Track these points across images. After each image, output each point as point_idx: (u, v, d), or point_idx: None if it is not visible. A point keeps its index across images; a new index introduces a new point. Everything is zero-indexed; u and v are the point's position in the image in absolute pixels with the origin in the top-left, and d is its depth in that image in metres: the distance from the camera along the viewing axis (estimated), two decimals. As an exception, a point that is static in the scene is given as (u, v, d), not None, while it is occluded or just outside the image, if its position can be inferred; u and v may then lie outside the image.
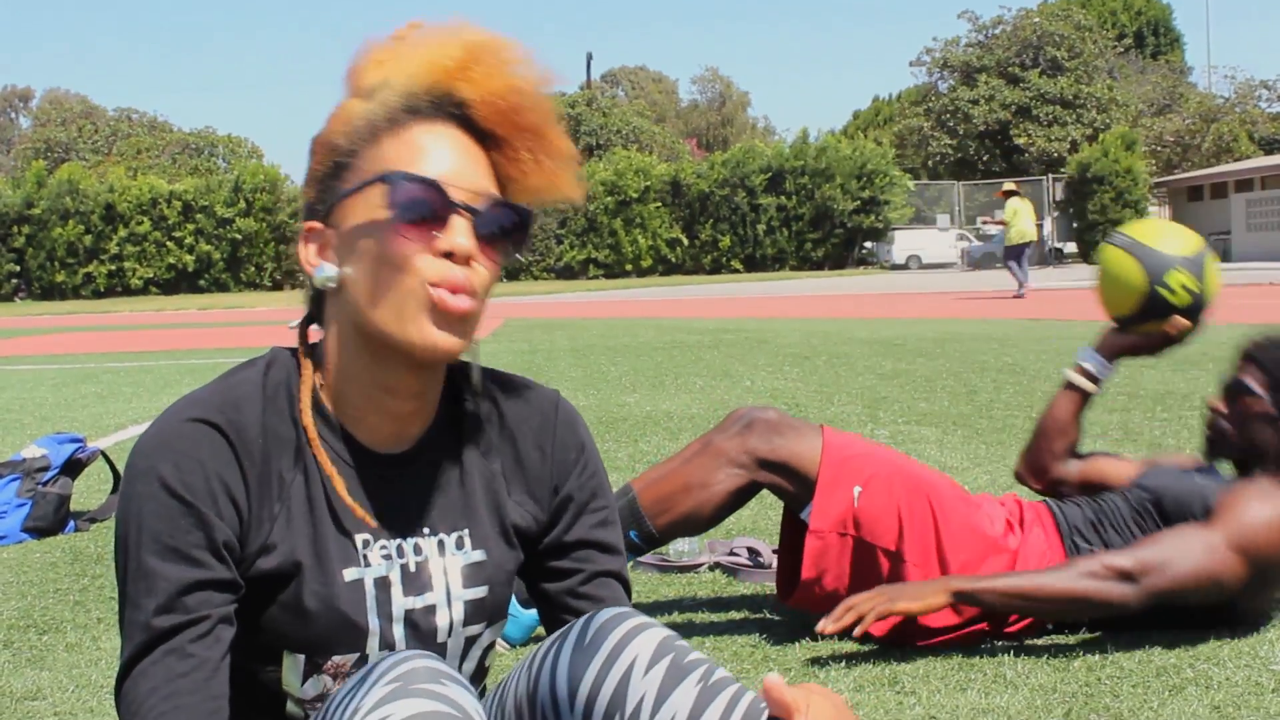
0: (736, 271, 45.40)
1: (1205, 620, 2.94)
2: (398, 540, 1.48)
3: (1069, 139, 52.25)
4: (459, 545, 1.51)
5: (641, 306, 23.73)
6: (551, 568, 1.59)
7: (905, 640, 2.93)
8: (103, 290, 44.00)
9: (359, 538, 1.46)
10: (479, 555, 1.52)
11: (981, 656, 2.85)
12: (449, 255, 1.38)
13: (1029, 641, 2.93)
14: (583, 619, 1.43)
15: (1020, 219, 21.33)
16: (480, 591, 1.52)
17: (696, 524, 3.12)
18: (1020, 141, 53.03)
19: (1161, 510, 3.00)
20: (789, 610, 3.25)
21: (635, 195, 45.86)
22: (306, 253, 1.46)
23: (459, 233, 1.38)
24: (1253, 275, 26.90)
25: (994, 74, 54.72)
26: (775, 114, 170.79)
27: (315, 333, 1.51)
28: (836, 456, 3.01)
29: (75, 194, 44.22)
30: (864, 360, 10.16)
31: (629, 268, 45.98)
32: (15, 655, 3.13)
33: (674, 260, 46.40)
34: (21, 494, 4.59)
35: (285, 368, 1.48)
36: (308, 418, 1.44)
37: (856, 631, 2.77)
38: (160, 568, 1.35)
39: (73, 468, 4.84)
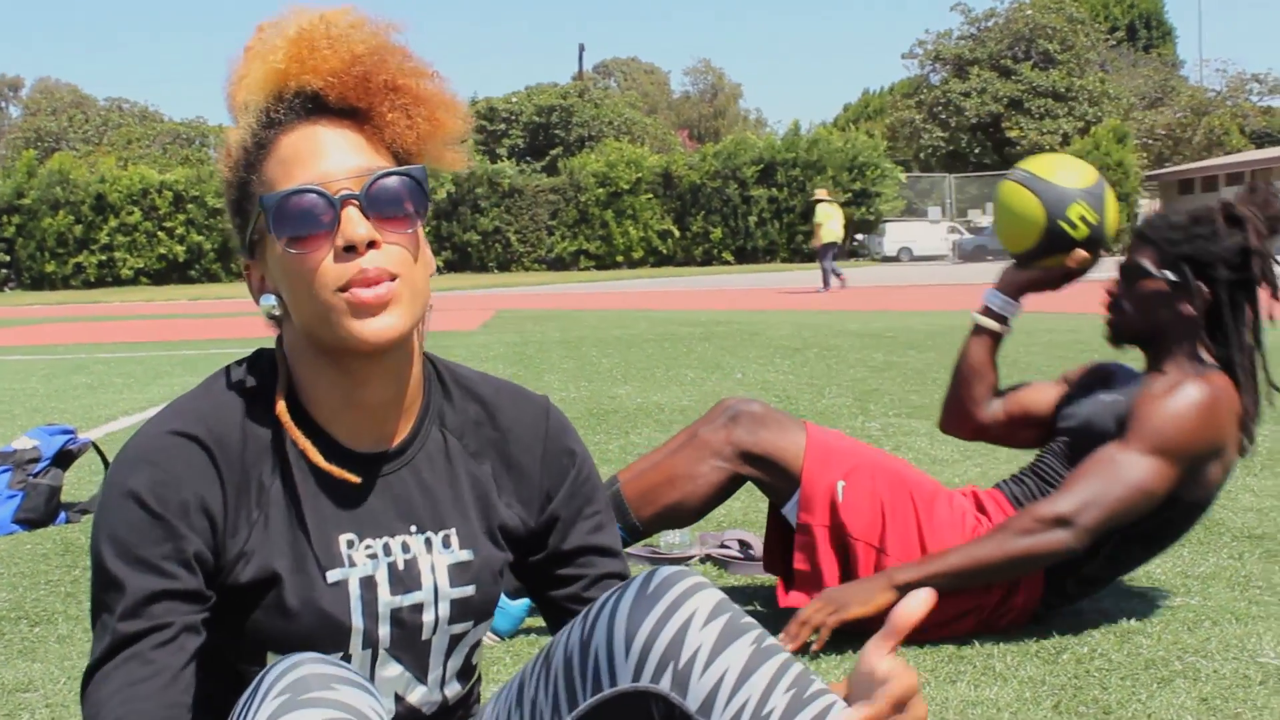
0: (728, 263, 45.44)
1: (1160, 527, 2.95)
2: (384, 539, 1.49)
3: (1061, 132, 52.30)
4: (445, 544, 1.52)
5: (633, 298, 23.72)
6: (556, 576, 1.62)
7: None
8: (93, 281, 43.94)
9: (343, 538, 1.47)
10: (466, 554, 1.53)
11: (971, 649, 2.85)
12: (352, 249, 1.38)
13: (1018, 635, 2.94)
14: (645, 573, 1.45)
15: (829, 221, 23.53)
16: (468, 590, 1.53)
17: (681, 517, 3.13)
18: (1012, 134, 53.08)
19: (1082, 443, 2.98)
20: (780, 602, 3.26)
21: (627, 187, 45.84)
22: (251, 288, 1.50)
23: (352, 224, 1.38)
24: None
25: (986, 66, 54.76)
26: (767, 106, 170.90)
27: None
28: (819, 451, 3.02)
29: (66, 184, 44.14)
30: (855, 352, 10.17)
31: (620, 259, 45.97)
32: (7, 647, 3.13)
33: (665, 252, 46.40)
34: (12, 485, 4.59)
35: (266, 370, 1.50)
36: (286, 418, 1.45)
37: (815, 646, 2.80)
38: (128, 576, 1.36)
39: (64, 459, 4.83)
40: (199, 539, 1.40)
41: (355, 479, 1.47)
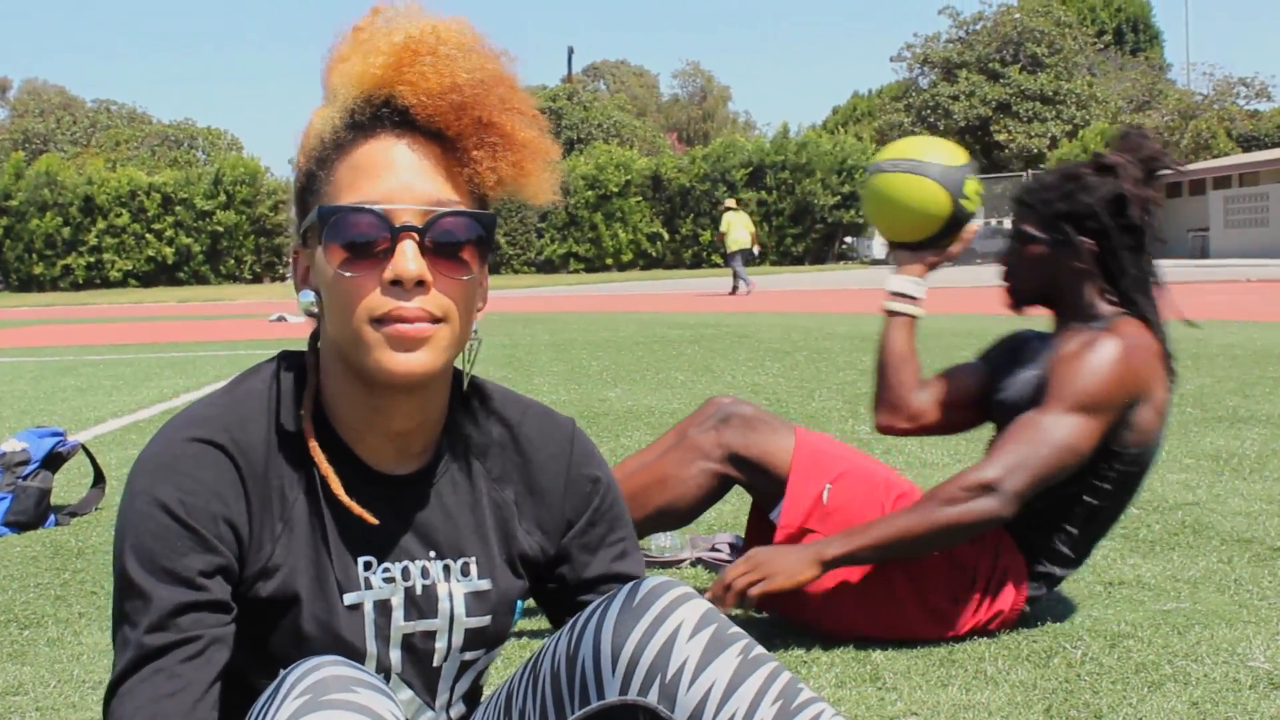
0: (717, 266, 45.42)
1: (1118, 480, 2.93)
2: (404, 563, 1.46)
3: (1049, 135, 52.43)
4: (464, 572, 1.50)
5: (622, 301, 23.73)
6: (577, 602, 1.58)
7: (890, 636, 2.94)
8: (81, 282, 43.92)
9: (361, 560, 1.44)
10: (484, 584, 1.51)
11: (962, 653, 2.86)
12: (398, 284, 1.34)
13: (1009, 638, 2.94)
14: (630, 584, 1.44)
15: (734, 229, 25.17)
16: (483, 620, 1.51)
17: (671, 519, 3.13)
18: (1000, 137, 53.18)
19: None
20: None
21: (616, 189, 45.89)
22: (295, 276, 1.46)
23: (405, 258, 1.33)
24: (1230, 271, 27.02)
25: (974, 70, 54.86)
26: (756, 109, 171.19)
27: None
28: (807, 455, 3.01)
29: (54, 185, 44.12)
30: (845, 355, 10.17)
31: (609, 262, 46.01)
32: (-4, 650, 3.12)
33: (654, 254, 46.45)
34: (1, 488, 4.57)
35: (292, 377, 1.46)
36: (312, 438, 1.42)
37: (746, 603, 2.76)
38: (155, 588, 1.32)
39: (53, 461, 4.82)
40: (227, 550, 1.36)
41: (373, 520, 1.43)
